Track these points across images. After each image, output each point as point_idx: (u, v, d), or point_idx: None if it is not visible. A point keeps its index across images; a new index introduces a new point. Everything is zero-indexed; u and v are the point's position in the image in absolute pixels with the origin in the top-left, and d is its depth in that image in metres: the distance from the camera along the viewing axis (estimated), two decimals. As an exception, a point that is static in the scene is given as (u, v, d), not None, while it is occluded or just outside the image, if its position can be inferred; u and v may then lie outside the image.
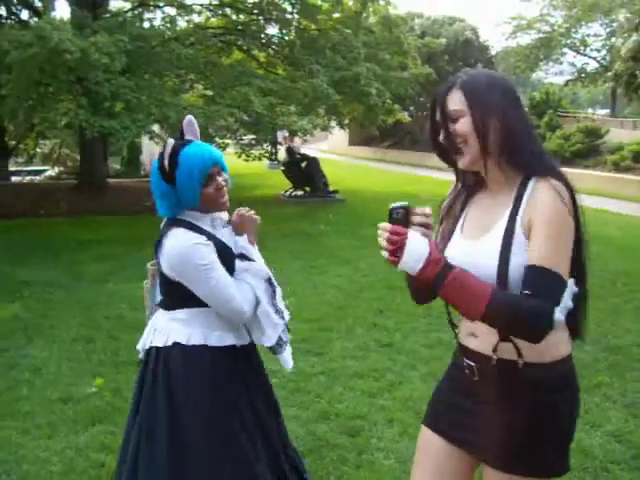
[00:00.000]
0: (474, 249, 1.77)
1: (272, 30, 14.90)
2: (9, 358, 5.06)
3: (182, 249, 2.27)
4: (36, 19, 11.85)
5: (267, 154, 16.80)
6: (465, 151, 1.76)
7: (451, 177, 1.99)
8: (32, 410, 4.14)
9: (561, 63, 36.48)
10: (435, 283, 1.62)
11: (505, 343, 1.73)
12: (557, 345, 1.76)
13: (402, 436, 3.78)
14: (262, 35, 14.93)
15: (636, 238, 10.35)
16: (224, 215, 2.53)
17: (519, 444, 1.77)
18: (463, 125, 1.73)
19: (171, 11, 12.92)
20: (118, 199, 14.82)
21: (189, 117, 2.40)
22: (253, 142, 15.45)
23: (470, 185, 1.92)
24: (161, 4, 13.02)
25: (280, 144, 18.90)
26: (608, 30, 31.92)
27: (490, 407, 1.81)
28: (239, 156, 15.52)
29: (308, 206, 14.39)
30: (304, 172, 15.61)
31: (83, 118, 8.66)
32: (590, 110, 48.93)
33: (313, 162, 15.56)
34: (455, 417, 1.91)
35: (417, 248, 1.60)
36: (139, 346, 2.53)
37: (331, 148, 37.34)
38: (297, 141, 21.95)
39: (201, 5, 14.40)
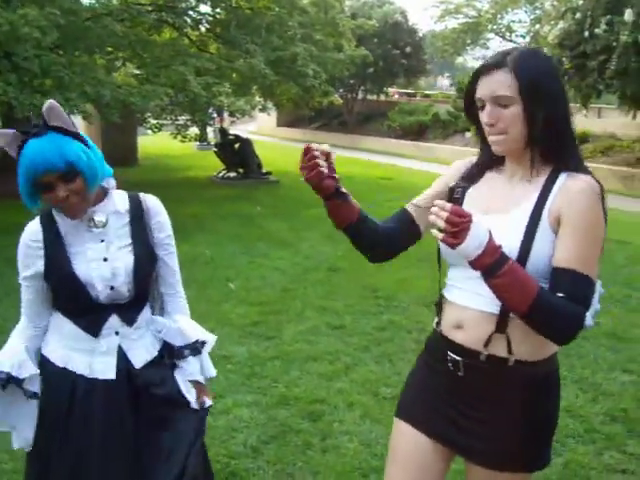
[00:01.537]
0: (492, 224, 1.62)
1: (204, 8, 14.59)
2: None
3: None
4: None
5: (196, 135, 16.45)
6: (503, 138, 1.68)
7: (380, 159, 1.89)
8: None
9: (487, 48, 37.16)
10: (489, 272, 1.55)
11: (498, 336, 1.68)
12: (547, 342, 1.70)
13: (363, 419, 3.78)
14: (192, 13, 14.59)
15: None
16: (98, 216, 2.05)
17: (509, 442, 1.73)
18: (511, 114, 1.65)
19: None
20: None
21: (50, 102, 1.93)
22: (189, 123, 15.12)
23: (487, 161, 1.85)
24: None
25: (210, 125, 18.56)
26: (532, 17, 32.74)
27: (476, 405, 1.76)
28: (175, 137, 15.17)
29: (242, 188, 14.22)
30: (237, 153, 15.40)
31: (12, 96, 8.24)
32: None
33: (246, 143, 15.37)
34: (435, 412, 1.83)
35: (480, 233, 1.51)
36: None
37: (259, 129, 37.03)
38: (225, 122, 21.69)
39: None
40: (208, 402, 2.16)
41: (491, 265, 1.53)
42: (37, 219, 2.05)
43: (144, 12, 11.69)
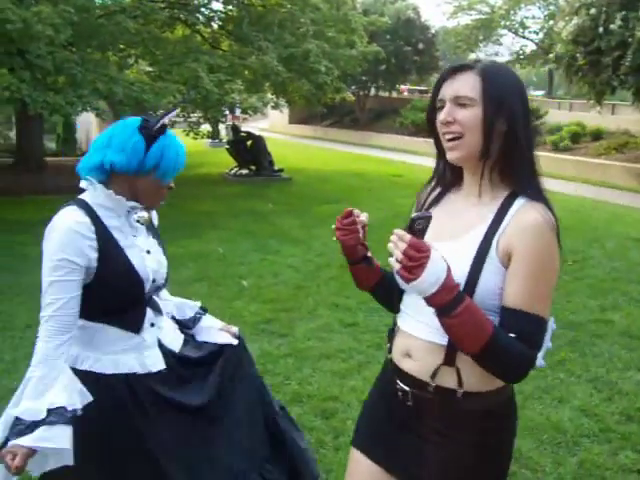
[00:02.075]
0: (442, 251, 1.52)
1: (216, 5, 14.63)
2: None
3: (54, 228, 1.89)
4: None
5: (209, 132, 16.47)
6: (458, 143, 1.59)
7: (392, 156, 1.86)
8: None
9: (500, 44, 37.06)
10: (444, 311, 1.46)
11: (445, 368, 1.61)
12: None
13: (376, 417, 3.76)
14: (205, 10, 14.61)
15: (578, 217, 10.61)
16: (144, 213, 2.07)
17: (460, 476, 1.68)
18: (470, 116, 1.56)
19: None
20: (57, 178, 14.32)
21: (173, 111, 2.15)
22: (201, 120, 15.14)
23: (446, 182, 1.77)
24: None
25: (222, 122, 18.60)
26: (546, 13, 32.58)
27: (426, 436, 1.69)
28: (187, 134, 15.19)
29: (254, 185, 14.23)
30: (249, 150, 15.42)
31: (26, 93, 8.27)
32: (525, 91, 49.87)
33: (258, 140, 15.38)
34: (388, 444, 1.77)
35: (437, 270, 1.42)
36: None
37: (271, 127, 37.05)
38: (239, 119, 21.70)
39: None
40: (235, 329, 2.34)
41: (446, 304, 1.45)
42: (78, 210, 1.90)
43: (157, 9, 11.70)
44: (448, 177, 1.76)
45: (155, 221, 2.20)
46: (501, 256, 1.54)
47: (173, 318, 2.23)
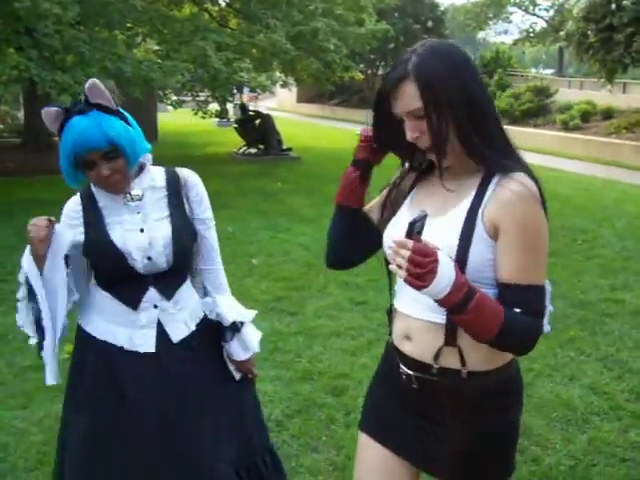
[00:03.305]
0: (428, 230, 1.47)
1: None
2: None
3: None
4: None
5: (217, 111, 16.42)
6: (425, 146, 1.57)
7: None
8: (3, 379, 4.00)
9: (510, 22, 36.66)
10: (457, 309, 1.44)
11: (447, 349, 1.59)
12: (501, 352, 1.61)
13: (387, 394, 3.78)
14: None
15: (588, 196, 10.57)
16: (134, 190, 2.07)
17: (469, 455, 1.68)
18: (422, 124, 1.53)
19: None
20: (66, 157, 14.36)
21: (92, 80, 1.93)
22: (209, 99, 15.08)
23: (420, 168, 1.74)
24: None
25: (230, 101, 18.53)
26: (557, -11, 32.30)
27: (433, 418, 1.69)
28: (195, 113, 15.13)
29: (263, 164, 14.21)
30: (258, 129, 15.38)
31: (34, 72, 8.25)
32: (534, 69, 49.52)
33: (267, 119, 15.34)
34: (397, 427, 1.76)
35: (447, 272, 1.39)
36: None
37: (279, 105, 36.93)
38: (244, 98, 21.57)
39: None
40: (254, 372, 2.29)
41: (459, 303, 1.42)
42: (76, 196, 2.09)
43: (165, -14, 11.62)
44: (423, 164, 1.72)
45: (195, 194, 2.16)
46: (488, 229, 1.52)
47: (205, 317, 2.20)
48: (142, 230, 2.03)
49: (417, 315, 1.64)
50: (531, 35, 38.00)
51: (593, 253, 7.04)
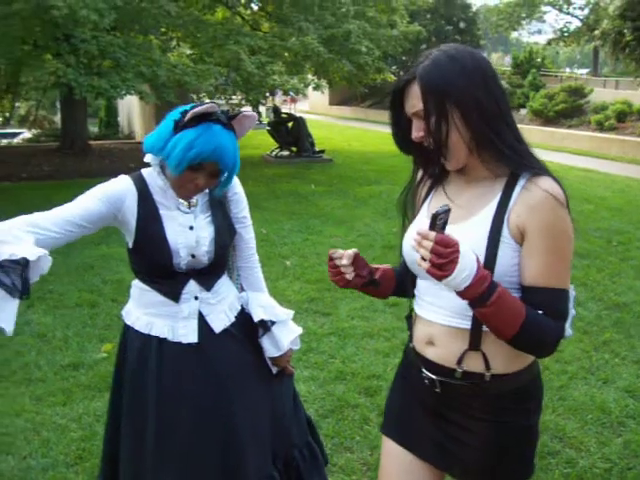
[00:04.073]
0: (454, 234, 1.51)
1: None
2: (11, 323, 4.97)
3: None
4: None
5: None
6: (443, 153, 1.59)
7: None
8: (44, 377, 4.09)
9: (544, 22, 36.28)
10: (479, 302, 1.45)
11: (471, 353, 1.61)
12: (522, 353, 1.62)
13: (420, 395, 3.79)
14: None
15: (624, 198, 10.41)
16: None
17: (490, 457, 1.69)
18: (429, 124, 1.55)
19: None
20: (102, 161, 14.61)
21: (252, 113, 2.03)
22: (242, 102, 15.20)
23: (435, 174, 1.76)
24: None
25: (263, 104, 18.64)
26: (592, -12, 31.86)
27: (456, 421, 1.70)
28: (227, 115, 15.22)
29: (296, 166, 14.26)
30: (290, 132, 15.43)
31: (72, 77, 8.42)
32: (569, 69, 48.92)
33: (300, 122, 15.37)
34: (419, 431, 1.78)
35: (468, 263, 1.41)
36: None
37: (312, 108, 37.00)
38: (277, 101, 21.67)
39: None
40: (289, 369, 2.34)
41: (481, 295, 1.44)
42: (129, 179, 2.06)
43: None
44: (437, 170, 1.74)
45: (234, 194, 2.20)
46: (513, 234, 1.54)
47: (243, 311, 2.26)
48: (192, 228, 2.07)
49: (441, 321, 1.66)
50: (565, 34, 37.54)
51: (629, 255, 6.95)
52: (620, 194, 10.74)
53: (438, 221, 1.40)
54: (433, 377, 1.68)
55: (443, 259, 1.38)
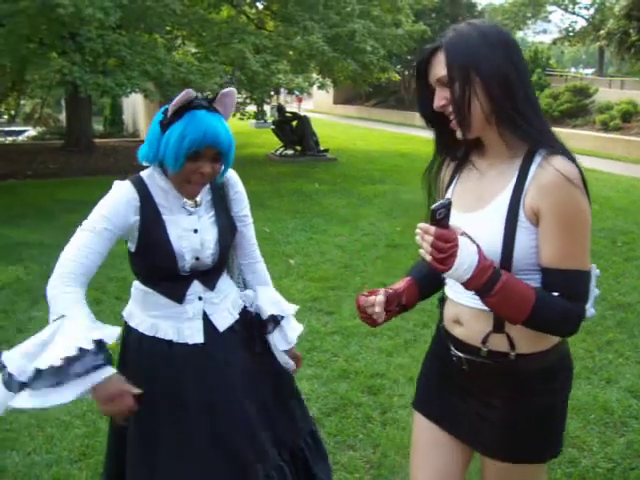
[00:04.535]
0: (472, 222, 1.61)
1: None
2: (16, 321, 5.00)
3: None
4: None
5: (255, 113, 16.54)
6: (459, 121, 1.59)
7: None
8: (48, 372, 4.10)
9: (549, 21, 36.20)
10: (483, 292, 1.51)
11: (495, 334, 1.65)
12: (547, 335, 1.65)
13: (423, 394, 3.80)
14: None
15: (628, 198, 10.40)
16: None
17: (518, 434, 1.71)
18: (448, 92, 1.57)
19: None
20: (107, 159, 14.65)
21: (231, 89, 2.01)
22: (247, 101, 15.21)
23: (457, 156, 1.78)
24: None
25: (267, 103, 18.65)
26: (597, -13, 31.79)
27: (483, 398, 1.74)
28: (234, 115, 15.26)
29: (300, 165, 14.28)
30: (295, 131, 15.45)
31: (77, 75, 8.44)
32: (574, 69, 48.83)
33: (304, 120, 15.39)
34: (449, 406, 1.83)
35: (468, 256, 1.46)
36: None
37: (316, 107, 37.01)
38: (282, 100, 21.68)
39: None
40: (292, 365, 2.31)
41: (483, 286, 1.49)
42: (130, 184, 2.02)
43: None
44: (460, 152, 1.77)
45: (235, 192, 2.20)
46: (529, 216, 1.55)
47: (245, 309, 2.26)
48: (196, 231, 2.06)
49: (466, 302, 1.70)
50: (571, 34, 37.46)
51: (633, 255, 6.94)
52: (625, 194, 10.72)
53: (438, 216, 1.44)
54: (460, 355, 1.73)
55: (443, 254, 1.44)
